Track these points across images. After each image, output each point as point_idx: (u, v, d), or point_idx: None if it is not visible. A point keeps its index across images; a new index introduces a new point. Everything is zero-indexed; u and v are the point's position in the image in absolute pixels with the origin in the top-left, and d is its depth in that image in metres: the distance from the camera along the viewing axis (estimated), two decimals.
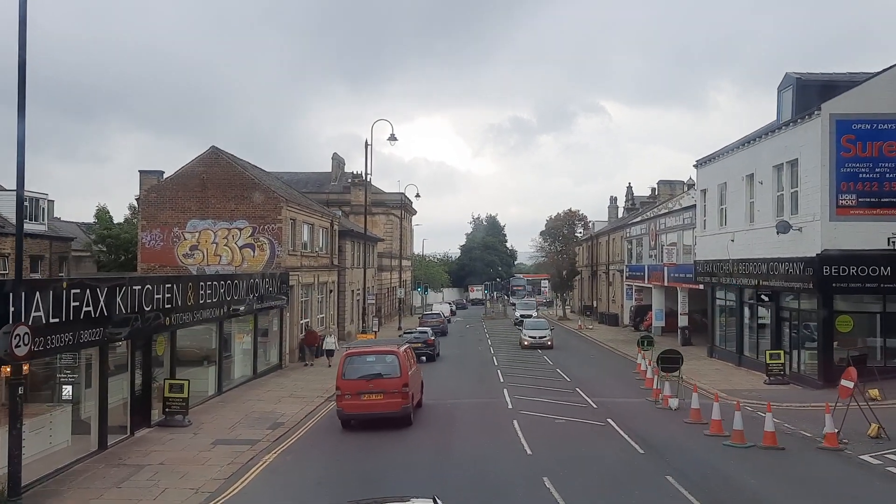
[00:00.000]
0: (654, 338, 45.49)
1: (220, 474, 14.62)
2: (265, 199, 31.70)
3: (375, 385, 18.86)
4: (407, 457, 16.01)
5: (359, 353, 20.42)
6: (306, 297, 36.45)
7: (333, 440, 18.15)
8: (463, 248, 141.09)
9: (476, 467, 14.77)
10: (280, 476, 14.77)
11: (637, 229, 53.36)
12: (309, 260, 36.25)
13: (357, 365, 19.47)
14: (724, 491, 13.02)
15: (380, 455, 16.26)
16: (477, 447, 16.58)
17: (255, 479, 14.45)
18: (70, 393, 17.69)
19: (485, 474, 14.27)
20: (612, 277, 62.74)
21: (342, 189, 72.76)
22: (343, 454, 16.57)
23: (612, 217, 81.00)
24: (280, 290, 30.45)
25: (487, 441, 17.18)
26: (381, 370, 19.31)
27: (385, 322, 65.33)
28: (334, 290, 43.17)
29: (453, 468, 14.79)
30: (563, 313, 72.63)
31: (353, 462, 15.76)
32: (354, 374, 19.13)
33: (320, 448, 17.39)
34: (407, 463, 15.41)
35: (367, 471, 14.92)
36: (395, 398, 18.78)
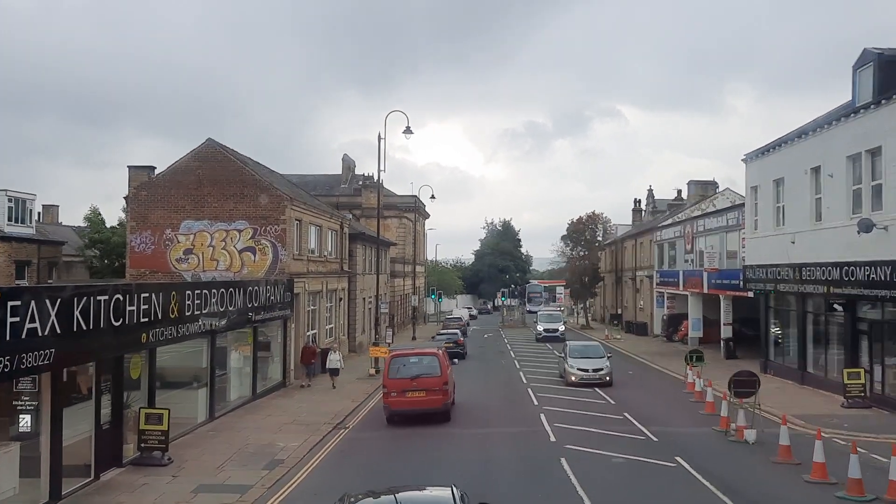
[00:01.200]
0: None
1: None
2: (267, 197, 28.48)
3: (419, 384, 20.67)
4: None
5: (403, 354, 22.74)
6: (313, 306, 33.17)
7: (343, 484, 14.76)
8: (476, 254, 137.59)
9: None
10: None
11: (669, 232, 49.82)
12: (316, 265, 32.98)
13: (402, 365, 21.45)
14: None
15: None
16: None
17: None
18: (29, 424, 14.49)
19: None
20: (639, 284, 59.17)
21: (353, 192, 69.73)
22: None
23: (637, 220, 77.42)
24: (283, 298, 27.19)
25: (535, 490, 13.73)
26: (424, 370, 21.14)
27: (398, 331, 62.07)
28: (344, 297, 39.89)
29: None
30: (585, 322, 69.08)
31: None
32: (399, 373, 21.02)
33: (327, 498, 14.02)
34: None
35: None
36: (437, 395, 20.70)
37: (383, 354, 31.71)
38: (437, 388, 20.79)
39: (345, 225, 38.93)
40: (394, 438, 19.01)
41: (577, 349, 30.90)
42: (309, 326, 32.49)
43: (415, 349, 25.25)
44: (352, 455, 17.19)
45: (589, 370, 28.31)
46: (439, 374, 21.05)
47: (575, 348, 31.09)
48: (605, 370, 28.51)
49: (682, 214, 53.89)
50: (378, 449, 17.90)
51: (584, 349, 31.00)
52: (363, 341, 43.81)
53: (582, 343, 33.98)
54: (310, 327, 32.60)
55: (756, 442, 16.99)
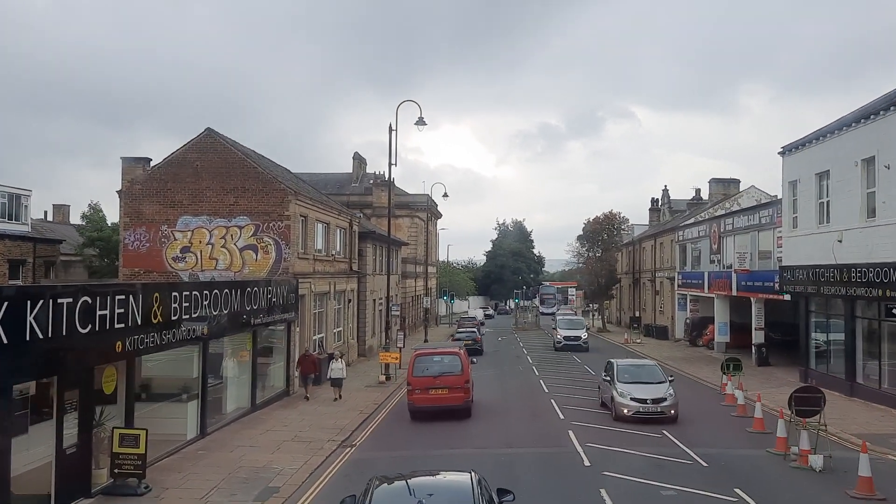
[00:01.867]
0: (718, 356, 39.89)
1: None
2: (270, 191, 26.44)
3: (442, 381, 21.62)
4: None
5: (427, 353, 23.54)
6: (320, 308, 31.13)
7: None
8: (488, 255, 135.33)
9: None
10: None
11: (692, 232, 47.51)
12: (323, 265, 30.93)
13: (425, 364, 22.28)
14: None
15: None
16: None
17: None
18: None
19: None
20: (659, 286, 56.86)
21: (363, 190, 67.77)
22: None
23: (654, 220, 75.06)
24: (287, 300, 25.15)
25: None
26: (446, 368, 22.05)
27: (410, 333, 59.98)
28: (353, 299, 37.84)
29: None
30: (601, 324, 66.73)
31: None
32: (423, 371, 21.90)
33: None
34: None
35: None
36: (459, 393, 21.62)
37: (394, 360, 29.71)
38: (460, 385, 21.73)
39: (354, 223, 36.89)
40: (406, 460, 16.89)
41: (628, 370, 22.73)
42: (315, 330, 30.45)
43: (437, 348, 25.97)
44: (358, 480, 15.06)
45: (647, 400, 20.84)
46: (461, 373, 21.98)
47: (625, 369, 22.81)
48: (668, 401, 21.00)
49: (704, 214, 51.61)
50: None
51: (638, 370, 22.85)
52: (373, 345, 41.75)
53: (633, 362, 25.08)
54: (316, 331, 30.56)
55: (824, 469, 14.78)
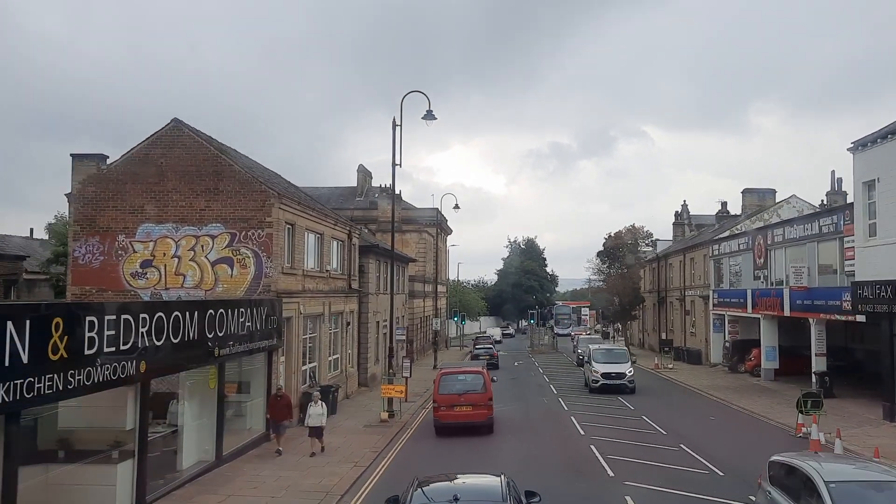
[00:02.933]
0: (768, 385, 35.21)
1: None
2: (249, 193, 22.13)
3: (466, 399, 22.64)
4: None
5: (451, 372, 24.71)
6: (312, 333, 26.68)
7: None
8: (500, 274, 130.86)
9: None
10: None
11: (729, 245, 42.90)
12: (315, 282, 26.52)
13: (450, 382, 23.33)
14: None
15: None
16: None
17: None
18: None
19: None
20: (690, 305, 52.16)
21: (368, 204, 63.72)
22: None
23: (678, 235, 70.49)
24: (268, 323, 20.73)
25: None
26: (469, 387, 23.05)
27: (418, 358, 55.46)
28: (353, 321, 33.38)
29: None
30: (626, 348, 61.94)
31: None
32: (448, 389, 22.98)
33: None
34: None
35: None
36: (482, 409, 22.60)
37: (399, 394, 25.22)
38: (483, 403, 22.79)
39: (354, 234, 32.51)
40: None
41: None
42: (307, 358, 25.98)
43: (461, 367, 27.92)
44: None
45: None
46: (484, 391, 23.04)
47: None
48: None
49: (740, 226, 47.05)
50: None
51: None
52: (377, 373, 37.21)
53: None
54: (307, 359, 26.09)
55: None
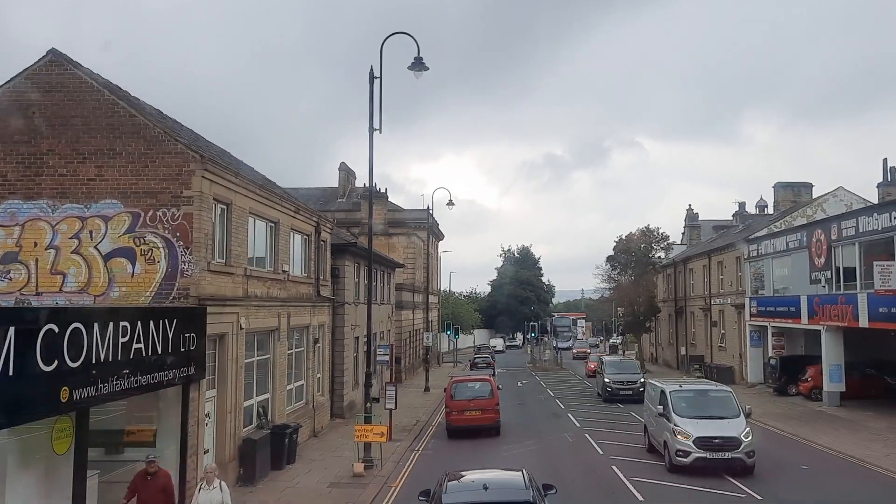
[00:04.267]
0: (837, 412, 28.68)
1: None
2: (159, 156, 15.39)
3: (475, 404, 25.30)
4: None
5: (462, 380, 27.85)
6: (262, 354, 19.85)
7: None
8: (493, 284, 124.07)
9: None
10: None
11: (774, 244, 36.34)
12: (267, 286, 19.71)
13: (461, 390, 26.22)
14: None
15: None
16: None
17: None
18: None
19: None
20: (717, 315, 45.58)
21: (351, 206, 57.13)
22: None
23: (694, 238, 64.07)
24: (182, 343, 13.95)
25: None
26: (478, 393, 25.82)
27: (407, 378, 48.61)
28: (324, 337, 26.58)
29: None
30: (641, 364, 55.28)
31: None
32: (460, 396, 25.80)
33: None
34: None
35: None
36: (490, 414, 25.12)
37: (379, 438, 18.42)
38: (491, 407, 25.24)
39: (324, 228, 25.79)
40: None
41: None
42: (252, 390, 19.13)
43: (471, 376, 31.84)
44: None
45: None
46: (491, 397, 25.62)
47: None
48: None
49: (780, 223, 40.63)
50: None
51: None
52: (355, 400, 30.41)
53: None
54: (254, 391, 19.23)
55: None
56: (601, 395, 34.98)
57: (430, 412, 32.02)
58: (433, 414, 31.66)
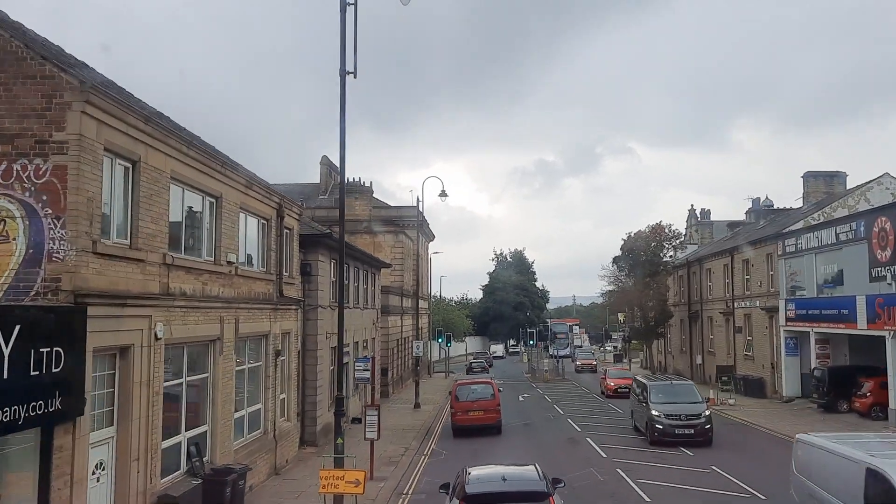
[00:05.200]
0: None
1: None
2: (21, 81, 10.32)
3: (478, 405, 27.07)
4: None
5: (465, 383, 30.27)
6: (194, 374, 14.71)
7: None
8: (486, 289, 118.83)
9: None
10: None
11: (819, 237, 31.49)
12: (200, 280, 14.57)
13: (466, 392, 28.06)
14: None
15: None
16: None
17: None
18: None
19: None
20: (743, 320, 40.72)
21: (333, 202, 51.82)
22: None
23: (706, 237, 59.33)
24: (44, 365, 8.85)
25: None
26: (481, 395, 27.65)
27: (394, 391, 43.49)
28: (289, 348, 21.43)
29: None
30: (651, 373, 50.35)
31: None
32: (464, 397, 27.59)
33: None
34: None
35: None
36: (492, 414, 26.97)
37: (355, 490, 13.28)
38: (493, 408, 27.06)
39: (289, 212, 20.70)
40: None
41: None
42: (182, 425, 13.98)
43: (475, 379, 36.02)
44: None
45: None
46: (493, 398, 27.49)
47: None
48: None
49: (818, 215, 35.89)
50: None
51: None
52: (331, 422, 25.28)
53: None
54: (184, 425, 14.07)
55: None
56: (645, 432, 24.49)
57: (421, 436, 26.94)
58: (425, 438, 26.57)
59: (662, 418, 23.35)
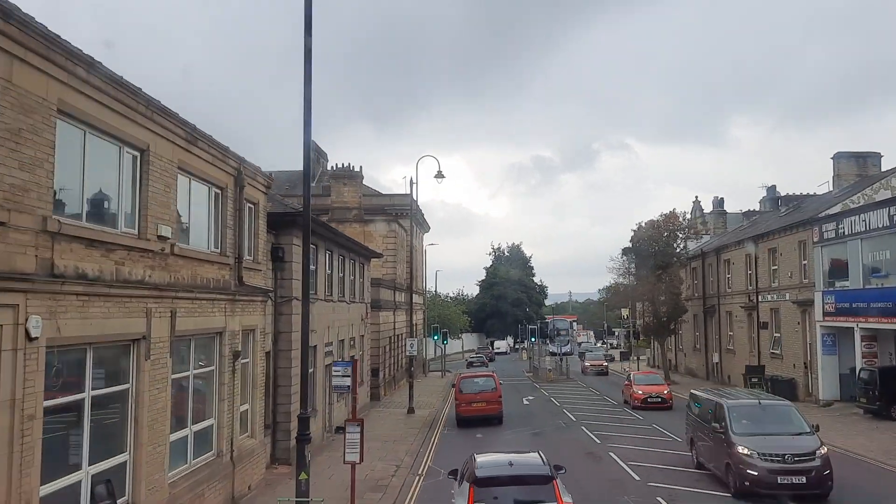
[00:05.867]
0: None
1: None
2: None
3: (481, 396, 28.33)
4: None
5: (469, 376, 30.99)
6: (109, 386, 10.88)
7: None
8: (482, 285, 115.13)
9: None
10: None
11: (864, 220, 27.78)
12: (111, 259, 10.73)
13: (469, 384, 29.37)
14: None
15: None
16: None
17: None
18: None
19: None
20: (770, 315, 37.03)
21: (321, 191, 48.59)
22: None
23: (719, 226, 55.71)
24: None
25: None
26: (483, 387, 28.97)
27: (387, 393, 39.71)
28: (256, 349, 17.61)
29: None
30: (665, 374, 46.75)
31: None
32: (467, 389, 28.88)
33: None
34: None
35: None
36: (494, 405, 28.32)
37: None
38: (495, 399, 28.41)
39: (252, 181, 16.87)
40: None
41: None
42: (84, 457, 10.14)
43: (477, 372, 35.35)
44: None
45: None
46: (495, 390, 28.78)
47: None
48: None
49: (856, 198, 32.26)
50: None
51: None
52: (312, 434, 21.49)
53: None
54: (87, 458, 10.22)
55: None
56: (724, 476, 16.63)
57: (415, 449, 23.16)
58: (420, 452, 22.79)
59: (756, 459, 15.40)
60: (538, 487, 11.41)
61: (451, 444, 23.63)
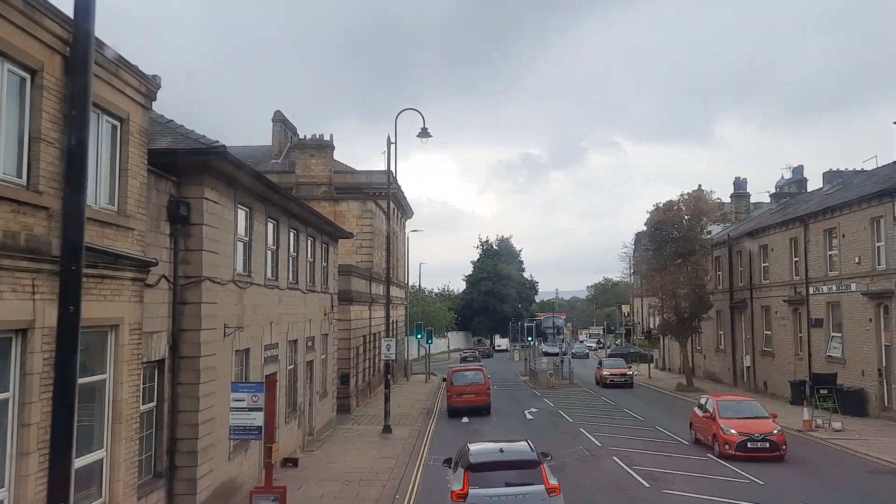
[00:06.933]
0: None
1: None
2: None
3: (471, 388, 30.37)
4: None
5: (459, 370, 33.52)
6: None
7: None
8: (469, 280, 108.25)
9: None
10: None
11: None
12: None
13: (459, 376, 31.56)
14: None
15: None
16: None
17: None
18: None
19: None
20: (826, 310, 30.45)
21: (287, 166, 41.95)
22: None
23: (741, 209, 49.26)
24: None
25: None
26: (473, 380, 31.12)
27: (360, 403, 32.80)
28: (119, 359, 10.62)
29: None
30: (687, 380, 40.17)
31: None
32: (459, 382, 30.96)
33: None
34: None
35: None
36: (483, 396, 30.40)
37: None
38: (484, 391, 30.56)
39: (107, 73, 9.88)
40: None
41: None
42: None
43: (468, 366, 39.63)
44: None
45: None
46: (484, 382, 30.99)
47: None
48: None
49: None
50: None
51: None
52: (236, 477, 14.65)
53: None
54: None
55: None
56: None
57: (389, 496, 16.27)
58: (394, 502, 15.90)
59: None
60: (527, 471, 12.44)
61: (442, 482, 16.25)
